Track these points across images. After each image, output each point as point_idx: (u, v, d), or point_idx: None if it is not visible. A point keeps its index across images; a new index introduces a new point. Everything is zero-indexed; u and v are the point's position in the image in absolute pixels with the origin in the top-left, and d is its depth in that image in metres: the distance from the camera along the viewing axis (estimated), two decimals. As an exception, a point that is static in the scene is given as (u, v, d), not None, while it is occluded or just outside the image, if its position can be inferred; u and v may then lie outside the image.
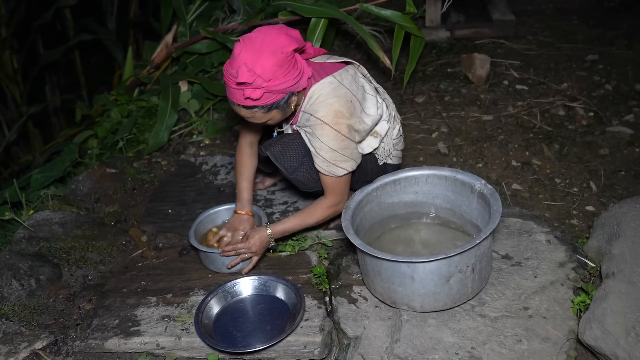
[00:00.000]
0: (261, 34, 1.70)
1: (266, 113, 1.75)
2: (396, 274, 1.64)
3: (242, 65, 1.64)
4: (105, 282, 2.10)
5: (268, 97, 1.70)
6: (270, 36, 1.68)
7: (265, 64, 1.65)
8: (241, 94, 1.69)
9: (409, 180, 1.94)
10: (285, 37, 1.69)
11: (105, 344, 1.80)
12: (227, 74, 1.70)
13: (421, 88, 3.15)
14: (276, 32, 1.70)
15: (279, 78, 1.68)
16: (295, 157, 1.90)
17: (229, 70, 1.69)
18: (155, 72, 3.26)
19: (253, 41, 1.68)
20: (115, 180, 2.73)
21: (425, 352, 1.59)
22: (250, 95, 1.67)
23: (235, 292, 1.91)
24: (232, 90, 1.71)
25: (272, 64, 1.65)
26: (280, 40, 1.68)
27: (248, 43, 1.68)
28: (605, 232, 1.85)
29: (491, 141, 2.70)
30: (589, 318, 1.55)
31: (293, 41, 1.70)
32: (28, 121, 4.53)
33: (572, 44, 3.42)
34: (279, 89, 1.69)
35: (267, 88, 1.67)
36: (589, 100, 2.90)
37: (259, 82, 1.65)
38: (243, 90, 1.67)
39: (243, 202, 2.10)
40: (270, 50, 1.66)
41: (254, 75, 1.64)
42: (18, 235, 2.30)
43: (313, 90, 1.82)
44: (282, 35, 1.69)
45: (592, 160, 2.52)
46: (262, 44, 1.66)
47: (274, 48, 1.66)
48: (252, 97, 1.67)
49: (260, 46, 1.66)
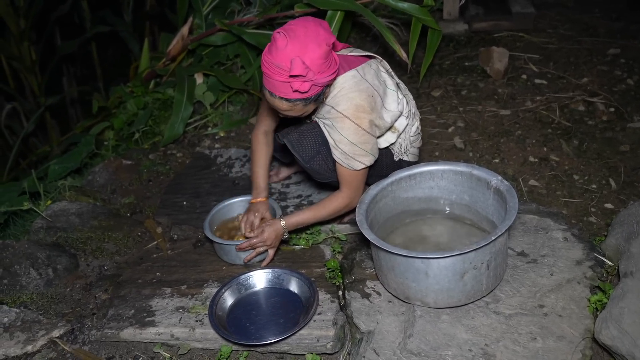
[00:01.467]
0: (301, 27, 1.65)
1: (305, 106, 1.74)
2: (410, 270, 1.63)
3: (296, 58, 1.60)
4: (121, 272, 2.12)
5: (313, 90, 1.68)
6: (310, 29, 1.65)
7: (314, 56, 1.62)
8: (288, 86, 1.65)
9: (424, 175, 1.93)
10: (323, 30, 1.66)
11: (120, 333, 1.82)
12: (273, 66, 1.65)
13: (438, 82, 3.12)
14: (314, 24, 1.67)
15: (325, 71, 1.67)
16: (312, 145, 1.89)
17: (274, 62, 1.64)
18: (171, 64, 3.27)
19: (296, 33, 1.63)
20: (131, 171, 2.75)
21: (439, 348, 1.59)
22: (299, 88, 1.64)
23: (249, 285, 1.92)
24: (276, 83, 1.67)
25: (319, 56, 1.63)
26: (320, 32, 1.65)
27: (292, 35, 1.63)
28: (624, 231, 1.82)
29: (508, 136, 2.67)
30: (606, 317, 1.53)
31: (330, 33, 1.68)
32: (46, 112, 4.58)
33: (593, 38, 3.35)
34: (323, 82, 1.68)
35: (315, 81, 1.65)
36: (609, 95, 2.85)
37: (310, 75, 1.63)
38: (291, 83, 1.64)
39: (258, 189, 2.10)
40: (316, 42, 1.63)
41: (306, 68, 1.62)
42: (36, 225, 2.33)
43: (336, 83, 1.81)
44: (319, 27, 1.66)
45: (612, 157, 2.48)
46: (306, 36, 1.63)
47: (318, 40, 1.63)
48: (301, 89, 1.65)
49: (305, 38, 1.62)
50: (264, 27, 3.11)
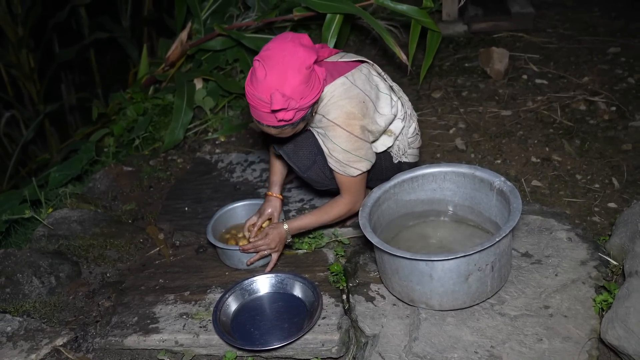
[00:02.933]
0: (278, 51, 1.63)
1: (295, 127, 1.74)
2: (414, 272, 1.62)
3: (275, 92, 1.60)
4: (123, 279, 2.12)
5: (299, 114, 1.68)
6: (288, 52, 1.62)
7: (294, 84, 1.61)
8: (273, 117, 1.66)
9: (426, 177, 1.92)
10: (302, 49, 1.63)
11: (124, 340, 1.81)
12: (255, 99, 1.65)
13: (438, 83, 3.11)
14: (292, 46, 1.64)
15: (308, 95, 1.66)
16: (308, 155, 1.89)
17: (255, 94, 1.64)
18: (170, 70, 3.27)
19: (274, 60, 1.62)
20: (132, 178, 2.74)
21: (444, 351, 1.58)
22: (283, 117, 1.65)
23: (252, 290, 1.91)
24: (261, 114, 1.67)
25: (300, 82, 1.62)
26: (299, 55, 1.62)
27: (270, 64, 1.62)
28: (628, 230, 1.81)
29: (510, 137, 2.66)
30: (612, 317, 1.52)
31: (310, 52, 1.65)
32: (45, 119, 4.58)
33: (593, 37, 3.35)
34: (309, 104, 1.67)
35: (299, 107, 1.65)
36: (610, 94, 2.85)
37: (292, 104, 1.63)
38: (275, 115, 1.65)
39: (272, 185, 2.13)
40: (295, 69, 1.61)
41: (287, 100, 1.61)
42: (38, 233, 2.32)
43: (325, 92, 1.80)
44: (298, 48, 1.63)
45: (615, 156, 2.47)
46: (284, 63, 1.61)
47: (297, 65, 1.61)
48: (286, 118, 1.65)
49: (283, 65, 1.61)
50: (263, 32, 3.11)
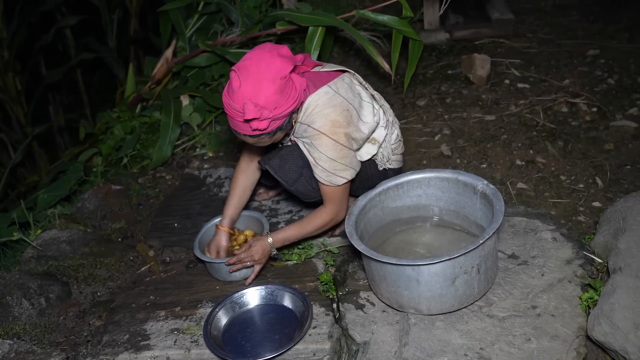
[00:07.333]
0: (254, 61, 1.67)
1: (272, 137, 1.78)
2: (401, 278, 1.64)
3: (248, 102, 1.63)
4: (114, 298, 2.11)
5: (274, 124, 1.71)
6: (264, 62, 1.67)
7: (267, 94, 1.65)
8: (248, 126, 1.69)
9: (411, 183, 1.94)
10: (279, 60, 1.67)
11: (116, 359, 1.80)
12: (230, 109, 1.69)
13: (422, 91, 3.15)
14: (269, 56, 1.68)
15: (283, 105, 1.69)
16: (294, 168, 1.91)
17: (231, 104, 1.68)
18: (156, 88, 3.28)
19: (249, 71, 1.66)
20: (121, 196, 2.75)
21: (434, 355, 1.59)
22: (257, 126, 1.68)
23: (243, 303, 1.91)
24: (237, 123, 1.72)
25: (274, 92, 1.65)
26: (275, 65, 1.66)
27: (245, 74, 1.66)
28: (611, 227, 1.83)
29: (494, 141, 2.69)
30: (597, 314, 1.54)
31: (287, 62, 1.69)
32: (33, 142, 4.58)
33: (572, 40, 3.41)
34: (283, 115, 1.71)
35: (273, 117, 1.68)
36: (591, 95, 2.89)
37: (266, 114, 1.66)
38: (249, 124, 1.68)
39: (224, 218, 2.11)
40: (269, 79, 1.65)
41: (260, 109, 1.64)
42: (27, 255, 2.32)
43: (309, 102, 1.82)
44: (275, 58, 1.67)
45: (597, 156, 2.50)
46: (259, 73, 1.65)
47: (272, 75, 1.65)
48: (260, 127, 1.69)
49: (257, 75, 1.65)
50: (247, 46, 3.14)
